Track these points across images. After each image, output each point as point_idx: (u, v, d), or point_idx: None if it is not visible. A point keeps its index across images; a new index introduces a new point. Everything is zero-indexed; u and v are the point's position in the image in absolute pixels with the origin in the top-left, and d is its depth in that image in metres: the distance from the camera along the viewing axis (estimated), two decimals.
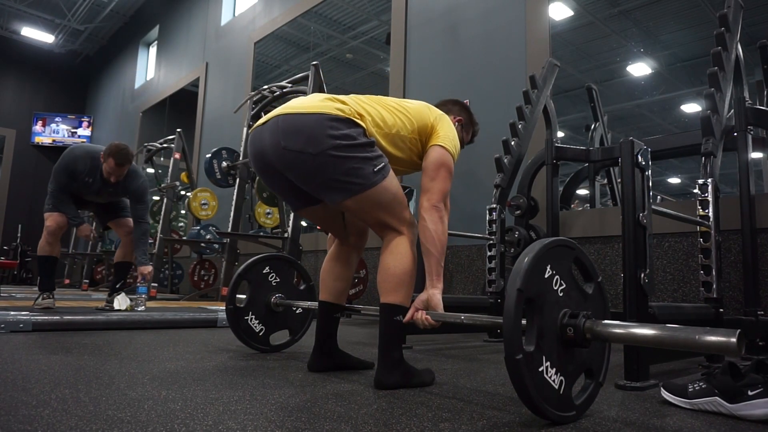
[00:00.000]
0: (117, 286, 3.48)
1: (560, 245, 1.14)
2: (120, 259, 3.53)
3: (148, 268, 3.37)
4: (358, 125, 1.45)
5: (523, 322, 1.05)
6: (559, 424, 1.06)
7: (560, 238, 1.15)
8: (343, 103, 1.48)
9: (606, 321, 1.08)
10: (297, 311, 2.13)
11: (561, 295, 1.11)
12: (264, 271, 2.05)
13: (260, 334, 2.03)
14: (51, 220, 3.18)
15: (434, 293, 1.51)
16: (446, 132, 1.59)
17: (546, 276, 1.09)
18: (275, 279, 2.07)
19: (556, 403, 1.05)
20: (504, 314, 1.02)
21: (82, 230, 3.28)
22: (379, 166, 1.45)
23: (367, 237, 1.77)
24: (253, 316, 2.01)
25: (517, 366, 0.99)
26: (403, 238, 1.52)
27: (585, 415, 1.18)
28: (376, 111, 1.52)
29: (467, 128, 1.88)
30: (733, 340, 0.87)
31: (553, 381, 1.05)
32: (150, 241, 7.33)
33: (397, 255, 1.50)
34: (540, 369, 1.03)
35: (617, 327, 1.06)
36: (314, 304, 1.87)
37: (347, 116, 1.44)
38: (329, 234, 1.78)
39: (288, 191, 1.58)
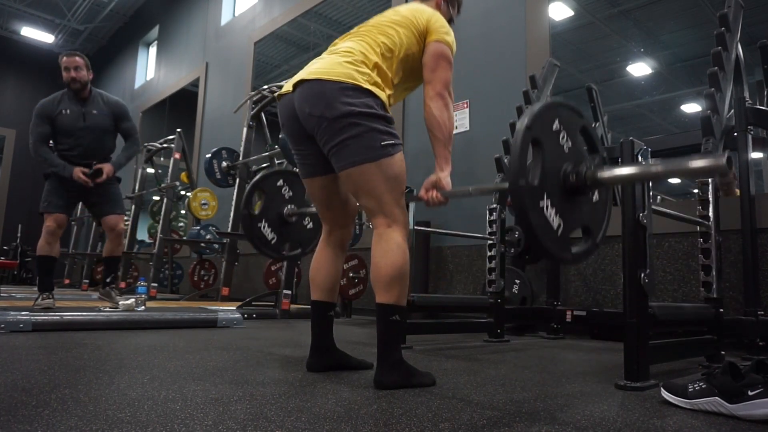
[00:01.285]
0: (107, 280, 3.53)
1: (570, 108, 1.19)
2: (108, 254, 3.52)
3: (109, 168, 3.28)
4: (376, 96, 1.50)
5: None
6: (555, 259, 1.09)
7: (570, 103, 1.19)
8: (363, 65, 1.52)
9: (606, 167, 1.13)
10: (308, 226, 2.21)
11: (567, 151, 1.15)
12: (278, 184, 2.13)
13: (272, 242, 2.12)
14: (50, 220, 3.21)
15: (443, 175, 1.57)
16: (439, 27, 1.65)
17: (554, 128, 1.13)
18: (288, 192, 2.15)
19: (553, 242, 1.09)
20: (511, 149, 1.07)
21: (76, 173, 3.22)
22: (388, 142, 1.49)
23: (351, 232, 1.77)
24: (266, 224, 2.10)
25: (520, 193, 1.03)
26: (394, 231, 1.51)
27: (582, 414, 1.18)
28: (383, 44, 1.57)
29: (452, 3, 1.92)
30: (722, 161, 0.90)
31: (552, 221, 1.09)
32: (149, 240, 7.37)
33: (386, 251, 1.49)
34: (541, 204, 1.06)
35: (616, 169, 1.12)
36: None
37: (367, 86, 1.49)
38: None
39: (308, 156, 1.62)
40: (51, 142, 3.33)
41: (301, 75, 1.54)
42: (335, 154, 1.50)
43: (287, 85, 1.58)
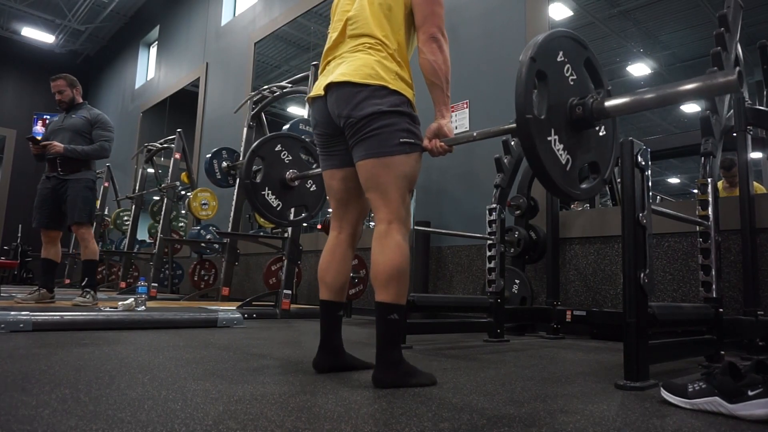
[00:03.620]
0: (83, 284, 3.67)
1: (573, 38, 1.15)
2: (84, 258, 3.73)
3: (60, 146, 3.53)
4: (402, 95, 1.52)
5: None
6: (565, 196, 1.06)
7: (574, 33, 1.16)
8: (390, 57, 1.54)
9: (613, 97, 1.09)
10: (311, 188, 2.19)
11: (572, 84, 1.12)
12: (276, 149, 2.11)
13: (278, 209, 2.11)
14: (41, 233, 3.72)
15: (444, 123, 1.56)
16: None
17: (558, 59, 1.10)
18: (287, 157, 2.12)
19: (562, 178, 1.06)
20: (516, 81, 1.03)
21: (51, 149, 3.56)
22: (407, 140, 1.51)
23: (360, 231, 1.77)
24: (270, 191, 2.08)
25: (527, 126, 0.99)
26: (394, 230, 1.51)
27: (582, 413, 1.18)
28: (376, 13, 1.56)
29: None
30: (733, 77, 0.87)
31: (561, 156, 1.05)
32: (149, 240, 7.36)
33: (388, 249, 1.49)
34: (549, 138, 1.03)
35: (623, 98, 1.08)
36: None
37: (393, 88, 1.50)
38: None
39: (336, 152, 1.65)
40: None
41: (331, 78, 1.56)
42: (356, 146, 1.54)
43: (317, 89, 1.61)
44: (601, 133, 1.19)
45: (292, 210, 2.44)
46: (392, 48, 1.56)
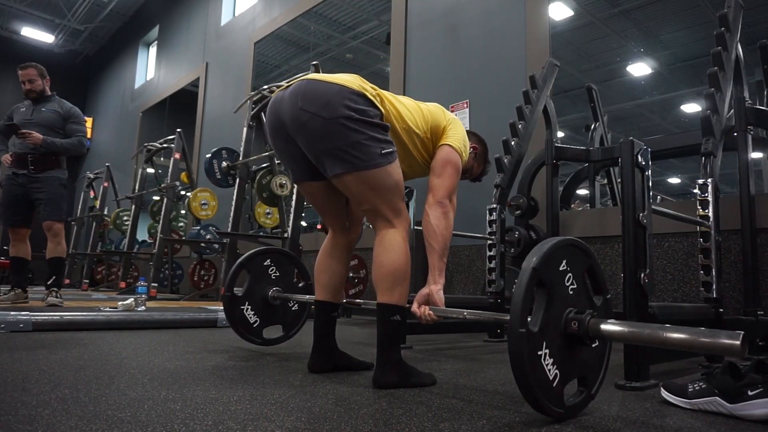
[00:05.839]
0: (48, 282, 3.61)
1: (579, 248, 1.15)
2: (48, 255, 3.66)
3: (39, 136, 3.43)
4: (376, 107, 1.47)
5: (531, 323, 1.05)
6: (548, 415, 1.05)
7: (580, 242, 1.15)
8: (372, 87, 1.51)
9: (610, 320, 1.07)
10: (293, 308, 2.13)
11: (571, 293, 1.11)
12: (265, 264, 2.05)
13: (254, 325, 2.03)
14: (8, 230, 3.64)
15: (436, 289, 1.52)
16: (456, 133, 1.62)
17: (560, 268, 1.09)
18: (275, 273, 2.07)
19: (548, 394, 1.04)
20: (515, 289, 1.02)
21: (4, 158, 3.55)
22: (387, 150, 1.46)
23: (359, 230, 1.76)
24: (250, 307, 2.01)
25: (519, 341, 0.98)
26: (395, 232, 1.50)
27: (583, 413, 1.18)
28: (393, 105, 1.55)
29: (480, 160, 1.91)
30: (737, 342, 0.86)
31: (549, 371, 1.04)
32: (149, 240, 7.37)
33: (389, 251, 1.48)
34: (539, 353, 1.02)
35: (620, 326, 1.06)
36: (312, 298, 1.88)
37: (369, 97, 1.46)
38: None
39: (293, 158, 1.56)
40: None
41: (304, 76, 1.51)
42: (329, 158, 1.44)
43: (284, 84, 1.56)
44: (593, 345, 1.15)
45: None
46: (378, 89, 1.53)
